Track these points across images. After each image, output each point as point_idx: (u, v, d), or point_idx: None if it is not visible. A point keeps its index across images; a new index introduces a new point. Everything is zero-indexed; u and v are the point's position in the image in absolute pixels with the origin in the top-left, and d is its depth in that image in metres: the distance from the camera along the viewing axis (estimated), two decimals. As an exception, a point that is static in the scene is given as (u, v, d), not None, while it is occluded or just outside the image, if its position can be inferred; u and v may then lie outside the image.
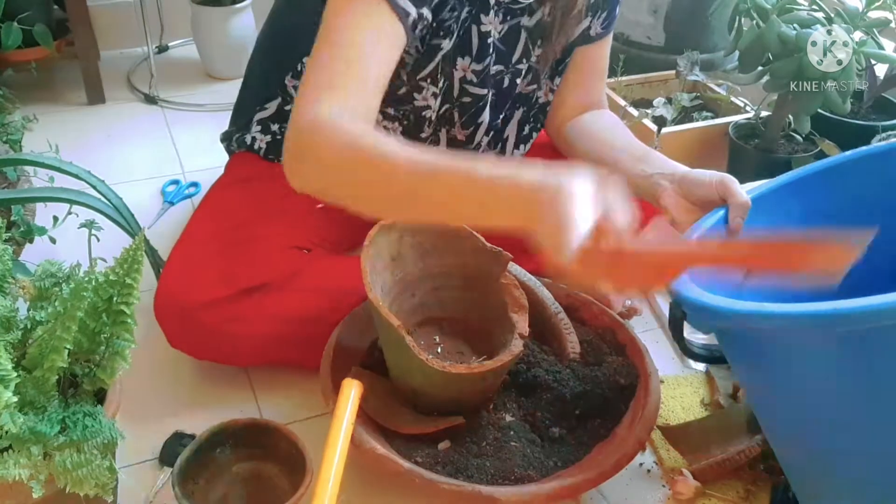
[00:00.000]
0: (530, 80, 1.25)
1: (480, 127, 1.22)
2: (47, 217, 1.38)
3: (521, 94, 1.27)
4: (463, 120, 1.21)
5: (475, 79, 1.16)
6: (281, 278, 1.14)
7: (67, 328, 0.82)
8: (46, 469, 0.81)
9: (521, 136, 1.33)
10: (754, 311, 0.76)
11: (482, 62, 1.14)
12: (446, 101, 1.18)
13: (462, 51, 1.13)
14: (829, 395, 0.78)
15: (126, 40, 2.27)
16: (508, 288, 1.10)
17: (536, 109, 1.32)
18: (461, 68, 1.14)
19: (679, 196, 1.09)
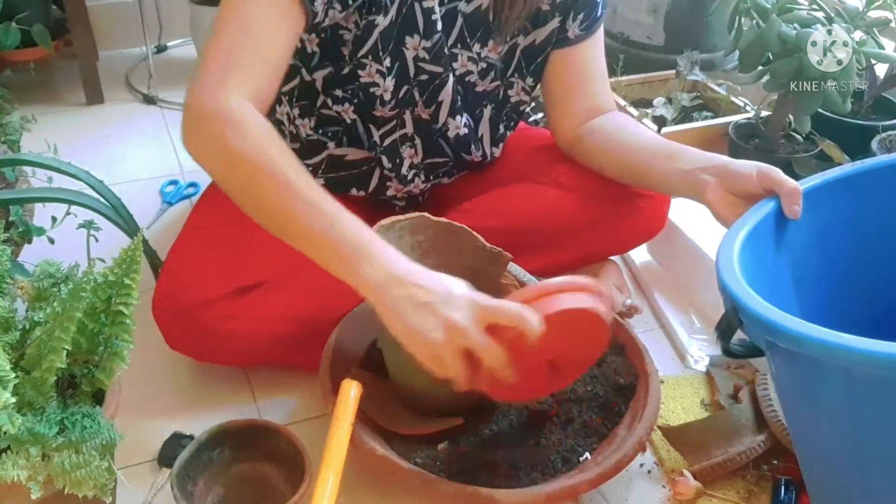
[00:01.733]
0: (493, 77, 1.23)
1: (443, 105, 1.20)
2: (46, 217, 1.37)
3: (486, 93, 1.25)
4: (425, 98, 1.19)
5: (427, 56, 1.14)
6: (279, 276, 1.14)
7: (66, 329, 0.81)
8: (45, 470, 0.81)
9: (495, 136, 1.31)
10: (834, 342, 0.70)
11: (431, 38, 1.13)
12: (404, 81, 1.16)
13: (408, 29, 1.12)
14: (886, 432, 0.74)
15: (125, 40, 2.27)
16: (508, 288, 1.10)
17: (508, 108, 1.30)
18: (412, 47, 1.13)
19: (723, 190, 1.04)
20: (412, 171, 1.27)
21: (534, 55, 1.24)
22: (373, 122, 1.21)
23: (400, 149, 1.25)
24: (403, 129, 1.23)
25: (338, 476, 0.87)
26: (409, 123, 1.23)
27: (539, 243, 1.25)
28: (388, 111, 1.19)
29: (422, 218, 1.09)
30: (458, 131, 1.24)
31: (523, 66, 1.25)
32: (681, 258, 1.39)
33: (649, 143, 1.19)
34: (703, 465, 1.05)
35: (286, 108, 1.23)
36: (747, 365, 1.25)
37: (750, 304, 0.79)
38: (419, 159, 1.27)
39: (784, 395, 0.94)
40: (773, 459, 1.08)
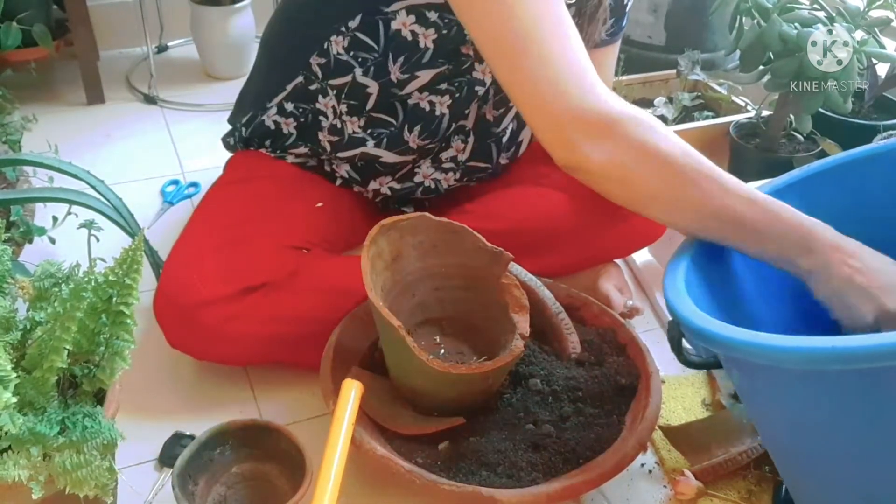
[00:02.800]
0: None
1: (511, 110, 1.22)
2: (47, 217, 1.38)
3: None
4: (496, 98, 1.21)
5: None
6: (280, 278, 1.14)
7: (67, 329, 0.81)
8: (46, 470, 0.81)
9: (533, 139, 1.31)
10: (755, 342, 0.73)
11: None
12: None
13: None
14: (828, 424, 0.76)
15: (125, 40, 2.27)
16: (509, 288, 1.10)
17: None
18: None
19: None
20: (451, 164, 1.27)
21: None
22: (456, 118, 1.20)
23: (452, 138, 1.24)
24: (464, 121, 1.23)
25: (338, 476, 0.87)
26: (472, 118, 1.23)
27: (540, 245, 1.25)
28: (474, 107, 1.19)
29: (422, 218, 1.09)
30: (506, 138, 1.26)
31: None
32: (682, 258, 1.39)
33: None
34: (704, 465, 1.05)
35: (332, 101, 1.21)
36: (748, 365, 1.25)
37: (684, 313, 0.81)
38: (465, 157, 1.27)
39: (745, 402, 0.95)
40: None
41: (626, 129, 0.88)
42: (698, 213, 0.91)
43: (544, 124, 0.90)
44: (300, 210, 1.23)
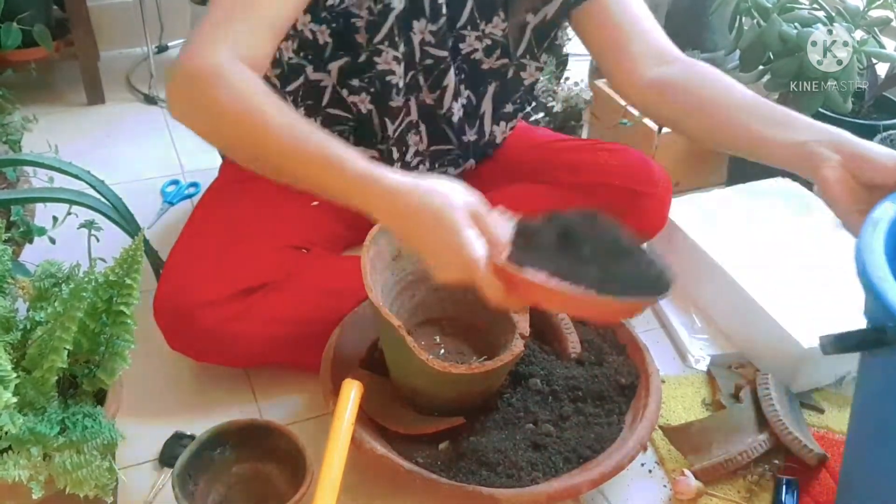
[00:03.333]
0: (499, 55, 1.21)
1: (447, 91, 1.19)
2: (47, 217, 1.37)
3: (491, 70, 1.23)
4: (429, 83, 1.18)
5: (433, 40, 1.13)
6: (280, 278, 1.14)
7: (67, 329, 0.82)
8: (46, 470, 0.81)
9: (499, 112, 1.29)
10: None
11: (436, 22, 1.12)
12: (410, 66, 1.15)
13: (415, 13, 1.11)
14: None
15: (126, 40, 2.27)
16: (509, 288, 1.10)
17: (522, 90, 1.28)
18: (419, 31, 1.12)
19: (846, 173, 0.90)
20: (416, 157, 1.27)
21: (546, 32, 1.21)
22: (387, 113, 1.19)
23: (406, 136, 1.24)
24: (409, 117, 1.22)
25: (339, 476, 0.87)
26: (414, 110, 1.21)
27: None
28: (400, 99, 1.18)
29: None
30: (459, 114, 1.24)
31: (534, 46, 1.22)
32: (682, 257, 1.39)
33: (749, 103, 1.05)
34: (704, 465, 1.05)
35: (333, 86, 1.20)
36: (748, 364, 1.25)
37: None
38: (424, 146, 1.26)
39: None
40: (775, 459, 1.08)
41: (197, 83, 0.89)
42: (258, 159, 0.91)
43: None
44: (299, 210, 1.23)
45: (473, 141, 1.29)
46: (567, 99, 1.75)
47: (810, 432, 1.12)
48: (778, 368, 1.19)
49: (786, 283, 1.27)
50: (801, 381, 1.19)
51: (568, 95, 1.75)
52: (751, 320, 1.24)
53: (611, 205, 1.25)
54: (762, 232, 1.39)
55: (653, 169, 1.30)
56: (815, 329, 1.15)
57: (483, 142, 1.31)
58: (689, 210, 1.43)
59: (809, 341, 1.15)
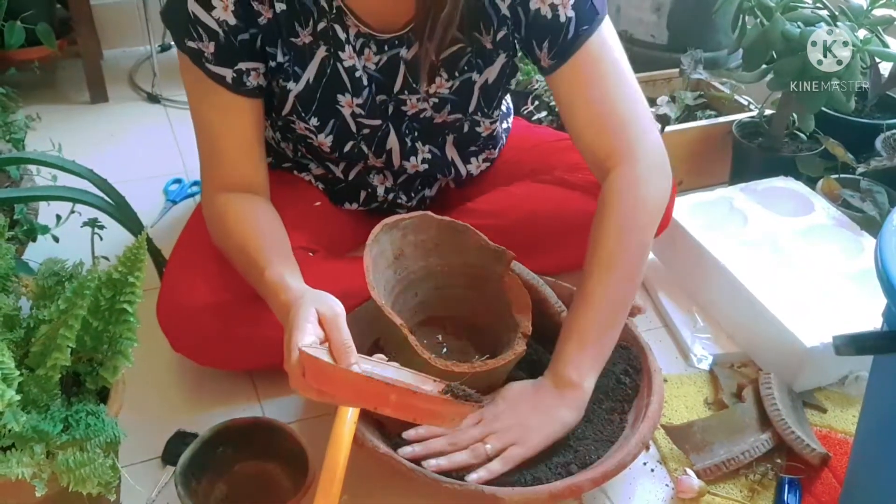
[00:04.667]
0: (450, 110, 1.18)
1: (393, 152, 1.22)
2: (50, 216, 1.38)
3: (445, 123, 1.21)
4: (373, 150, 1.21)
5: (363, 111, 1.15)
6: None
7: (70, 327, 0.82)
8: (49, 468, 0.81)
9: (465, 153, 1.29)
10: None
11: (360, 95, 1.13)
12: (346, 137, 1.17)
13: (338, 88, 1.12)
14: None
15: (129, 39, 2.27)
16: (512, 287, 1.10)
17: (481, 140, 1.27)
18: (346, 104, 1.14)
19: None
20: (389, 193, 1.29)
21: (491, 93, 1.19)
22: (329, 160, 1.24)
23: (368, 178, 1.27)
24: (366, 165, 1.25)
25: (341, 474, 0.87)
26: (373, 172, 1.26)
27: (542, 242, 1.25)
28: (334, 156, 1.21)
29: (425, 217, 1.10)
30: (416, 168, 1.25)
31: (483, 105, 1.20)
32: (684, 257, 1.39)
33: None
34: (707, 464, 1.05)
35: (269, 132, 1.25)
36: (750, 364, 1.25)
37: None
38: (391, 183, 1.28)
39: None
40: (777, 458, 1.08)
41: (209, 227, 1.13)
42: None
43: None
44: (303, 212, 1.23)
45: (453, 178, 1.32)
46: (570, 98, 1.74)
47: (813, 432, 1.12)
48: (780, 368, 1.19)
49: (788, 282, 1.27)
50: (803, 380, 1.19)
51: (570, 94, 1.75)
52: (753, 319, 1.24)
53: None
54: (765, 231, 1.39)
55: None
56: (818, 328, 1.16)
57: (463, 178, 1.32)
58: (692, 209, 1.43)
59: (812, 340, 1.15)
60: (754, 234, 1.38)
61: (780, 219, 1.42)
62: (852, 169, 1.55)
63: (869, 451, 0.93)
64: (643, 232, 1.07)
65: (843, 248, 1.36)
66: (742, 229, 1.40)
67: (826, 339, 1.12)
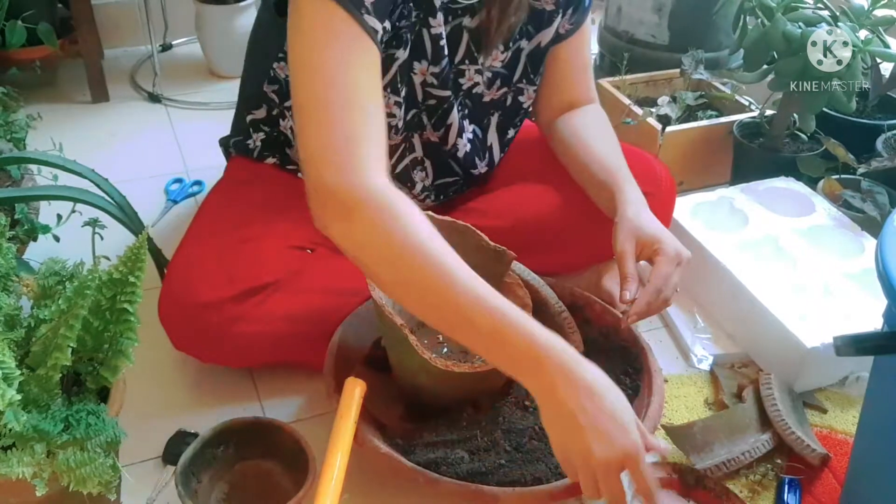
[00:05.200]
0: (499, 85, 1.23)
1: (451, 128, 1.21)
2: (51, 215, 1.38)
3: (493, 101, 1.25)
4: (433, 122, 1.20)
5: (435, 81, 1.15)
6: (284, 278, 1.14)
7: (71, 326, 0.82)
8: (50, 467, 0.81)
9: (504, 140, 1.31)
10: None
11: (438, 64, 1.13)
12: (412, 106, 1.17)
13: (417, 55, 1.12)
14: None
15: (130, 38, 2.27)
16: (512, 287, 1.10)
17: (521, 113, 1.30)
18: (420, 72, 1.14)
19: (625, 242, 1.10)
20: (424, 193, 1.28)
21: (539, 57, 1.23)
22: (393, 152, 1.21)
23: (412, 173, 1.25)
24: (413, 154, 1.24)
25: (341, 473, 0.87)
26: (419, 147, 1.23)
27: (543, 242, 1.25)
28: (398, 138, 1.20)
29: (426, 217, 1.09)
30: (465, 149, 1.25)
31: (529, 71, 1.24)
32: (685, 257, 1.39)
33: (593, 162, 1.20)
34: (707, 465, 1.05)
35: (290, 122, 1.23)
36: (751, 364, 1.25)
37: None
38: (430, 181, 1.28)
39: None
40: (777, 459, 1.08)
41: (364, 213, 0.85)
42: (420, 303, 0.88)
43: (309, 185, 0.88)
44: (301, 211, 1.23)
45: (484, 173, 1.31)
46: (571, 98, 1.74)
47: (813, 432, 1.12)
48: (781, 368, 1.19)
49: (789, 282, 1.27)
50: (803, 380, 1.19)
51: (571, 95, 1.75)
52: (754, 320, 1.24)
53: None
54: (766, 231, 1.39)
55: (655, 168, 1.30)
56: (819, 329, 1.16)
57: (489, 172, 1.33)
58: (692, 210, 1.43)
59: (812, 341, 1.15)
60: (755, 234, 1.38)
61: (780, 219, 1.42)
62: (853, 169, 1.55)
63: (870, 451, 0.93)
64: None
65: (843, 249, 1.36)
66: (743, 230, 1.40)
67: (826, 339, 1.13)
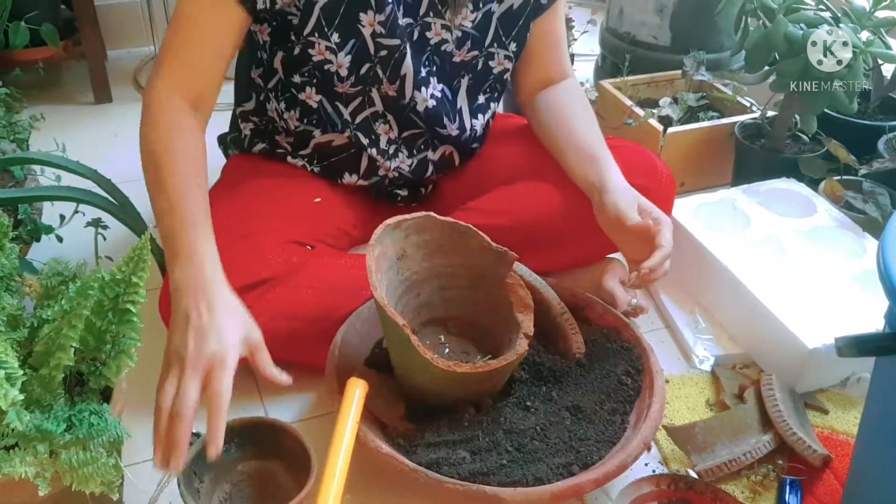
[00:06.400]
0: (470, 47, 1.24)
1: (406, 79, 1.21)
2: (54, 216, 1.38)
3: (464, 63, 1.25)
4: (388, 74, 1.20)
5: (383, 30, 1.15)
6: (283, 273, 1.14)
7: (74, 326, 0.82)
8: (52, 467, 0.81)
9: (475, 105, 1.31)
10: None
11: (383, 11, 1.13)
12: (364, 59, 1.18)
13: (361, 6, 1.12)
14: None
15: (133, 39, 2.28)
16: (514, 288, 1.10)
17: (491, 79, 1.31)
18: (367, 23, 1.14)
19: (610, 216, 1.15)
20: (391, 145, 1.28)
21: (512, 21, 1.24)
22: (338, 99, 1.22)
23: (374, 125, 1.26)
24: (374, 107, 1.24)
25: (343, 474, 0.87)
26: (378, 101, 1.24)
27: (544, 241, 1.25)
28: (349, 88, 1.20)
29: (428, 217, 1.10)
30: (426, 104, 1.25)
31: (501, 35, 1.25)
32: (687, 259, 1.39)
33: (574, 137, 1.25)
34: (708, 465, 1.05)
35: (274, 104, 1.25)
36: (752, 365, 1.25)
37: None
38: (395, 134, 1.28)
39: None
40: (778, 459, 1.08)
41: (143, 115, 1.07)
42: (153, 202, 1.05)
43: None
44: (303, 206, 1.24)
45: (455, 136, 1.31)
46: (572, 99, 1.74)
47: (814, 433, 1.12)
48: (782, 369, 1.19)
49: (790, 283, 1.27)
50: (805, 381, 1.19)
51: (573, 95, 1.75)
52: (755, 321, 1.24)
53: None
54: (767, 232, 1.39)
55: (655, 164, 1.29)
56: (820, 330, 1.16)
57: (464, 137, 1.32)
58: (694, 211, 1.43)
59: (814, 342, 1.15)
60: (756, 235, 1.38)
61: (782, 220, 1.42)
62: (855, 170, 1.55)
63: (871, 453, 0.93)
64: None
65: (845, 250, 1.36)
66: (744, 230, 1.40)
67: (828, 340, 1.13)
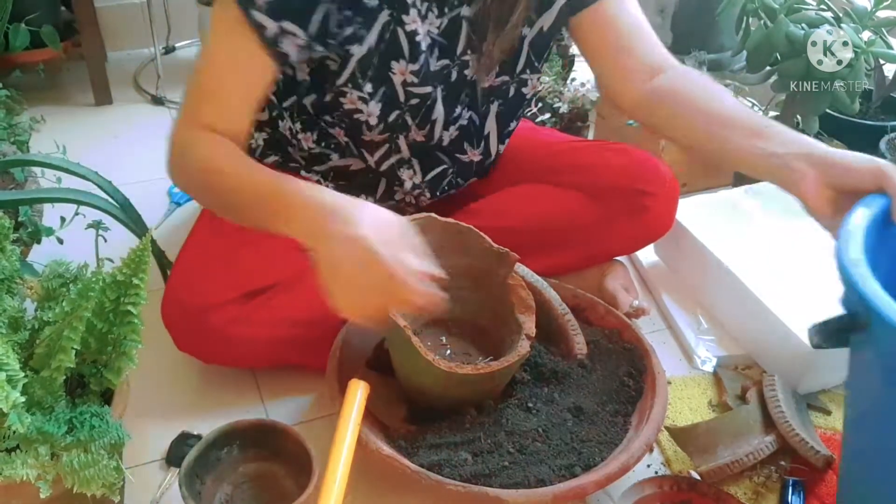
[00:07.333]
0: (497, 72, 1.20)
1: (436, 124, 1.19)
2: (55, 218, 1.38)
3: (493, 88, 1.21)
4: (417, 121, 1.18)
5: (416, 79, 1.13)
6: (287, 279, 1.14)
7: (75, 328, 0.82)
8: (54, 469, 0.81)
9: (504, 132, 1.28)
10: None
11: (417, 62, 1.11)
12: (394, 107, 1.15)
13: (394, 55, 1.10)
14: None
15: (133, 41, 2.28)
16: (515, 289, 1.10)
17: (522, 106, 1.27)
18: (399, 72, 1.12)
19: (823, 185, 0.92)
20: (416, 189, 1.27)
21: (543, 45, 1.19)
22: (364, 146, 1.20)
23: (398, 171, 1.24)
24: (399, 154, 1.22)
25: (345, 475, 0.87)
26: (405, 148, 1.21)
27: (546, 243, 1.25)
28: (377, 135, 1.18)
29: (429, 218, 1.10)
30: (452, 137, 1.23)
31: (533, 60, 1.20)
32: (688, 259, 1.38)
33: (730, 113, 1.03)
34: (711, 466, 1.05)
35: (288, 122, 1.23)
36: (755, 366, 1.25)
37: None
38: (420, 178, 1.27)
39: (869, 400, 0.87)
40: (781, 460, 1.08)
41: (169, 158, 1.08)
42: (229, 211, 1.04)
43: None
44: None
45: (478, 161, 1.29)
46: (573, 100, 1.75)
47: (817, 434, 1.12)
48: (784, 370, 1.18)
49: (793, 284, 1.26)
50: (807, 382, 1.19)
51: (574, 96, 1.75)
52: (757, 322, 1.24)
53: (617, 206, 1.25)
54: (769, 233, 1.39)
55: (659, 168, 1.29)
56: (822, 330, 1.16)
57: (487, 162, 1.31)
58: (695, 211, 1.43)
59: (816, 343, 1.15)
60: (758, 235, 1.38)
61: (784, 220, 1.42)
62: (857, 171, 1.55)
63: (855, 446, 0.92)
64: None
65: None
66: (746, 231, 1.40)
67: (830, 341, 1.12)
